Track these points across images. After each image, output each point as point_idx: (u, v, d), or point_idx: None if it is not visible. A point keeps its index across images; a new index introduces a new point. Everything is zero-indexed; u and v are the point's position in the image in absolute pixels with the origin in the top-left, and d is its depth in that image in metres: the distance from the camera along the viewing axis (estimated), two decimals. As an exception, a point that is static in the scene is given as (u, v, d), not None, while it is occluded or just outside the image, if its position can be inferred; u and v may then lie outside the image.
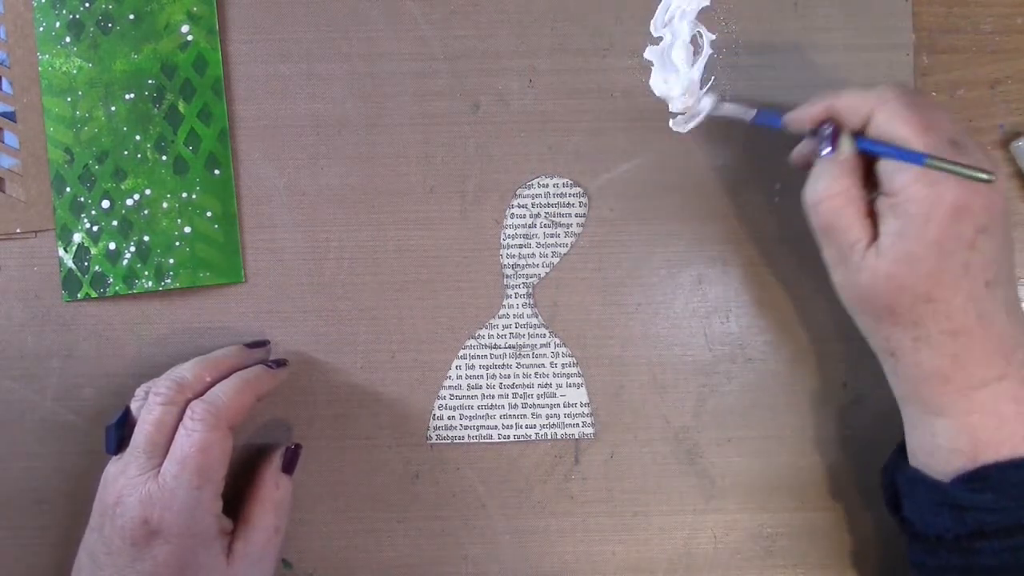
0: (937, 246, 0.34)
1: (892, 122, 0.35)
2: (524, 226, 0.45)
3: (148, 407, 0.39)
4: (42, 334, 0.45)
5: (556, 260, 0.45)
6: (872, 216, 0.36)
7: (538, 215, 0.45)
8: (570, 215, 0.45)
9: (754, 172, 0.45)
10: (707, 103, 0.43)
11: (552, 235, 0.45)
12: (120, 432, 0.39)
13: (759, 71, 0.45)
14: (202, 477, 0.38)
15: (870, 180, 0.36)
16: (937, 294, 0.34)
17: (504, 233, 0.45)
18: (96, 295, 0.44)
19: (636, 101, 0.45)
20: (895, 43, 0.45)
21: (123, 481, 0.38)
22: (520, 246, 0.45)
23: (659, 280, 0.45)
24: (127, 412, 0.40)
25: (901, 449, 0.39)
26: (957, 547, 0.35)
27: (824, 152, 0.37)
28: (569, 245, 0.45)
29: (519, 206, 0.45)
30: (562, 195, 0.45)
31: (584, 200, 0.45)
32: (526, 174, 0.45)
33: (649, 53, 0.45)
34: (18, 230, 0.45)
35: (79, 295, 0.45)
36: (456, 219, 0.45)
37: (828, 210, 0.36)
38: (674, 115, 0.45)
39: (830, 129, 0.37)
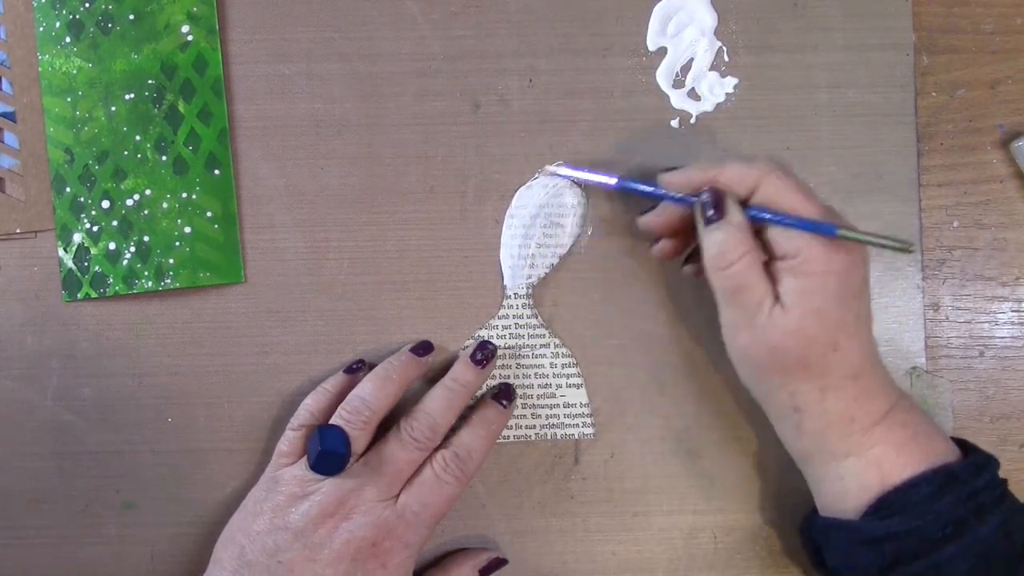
0: (838, 298, 0.36)
1: (782, 192, 0.37)
2: (524, 226, 0.45)
3: (403, 445, 0.40)
4: (42, 334, 0.45)
5: (556, 260, 0.45)
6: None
7: (538, 215, 0.45)
8: (570, 215, 0.45)
9: (754, 172, 0.45)
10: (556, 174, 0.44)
11: (552, 235, 0.45)
12: (349, 456, 0.39)
13: (759, 71, 0.45)
14: (435, 523, 0.41)
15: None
16: (842, 342, 0.37)
17: (504, 233, 0.45)
18: (96, 295, 0.44)
19: (636, 101, 0.45)
20: (895, 43, 0.45)
21: (355, 500, 0.39)
22: (520, 246, 0.45)
23: (659, 280, 0.45)
24: (346, 435, 0.40)
25: (814, 511, 0.40)
26: None
27: (711, 216, 0.38)
28: (569, 245, 0.45)
29: (519, 206, 0.45)
30: (562, 195, 0.45)
31: (584, 200, 0.45)
32: (526, 174, 0.45)
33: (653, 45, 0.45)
34: (18, 230, 0.45)
35: (79, 295, 0.45)
36: (456, 219, 0.45)
37: (740, 270, 0.37)
38: (674, 113, 0.45)
39: (710, 195, 0.38)
